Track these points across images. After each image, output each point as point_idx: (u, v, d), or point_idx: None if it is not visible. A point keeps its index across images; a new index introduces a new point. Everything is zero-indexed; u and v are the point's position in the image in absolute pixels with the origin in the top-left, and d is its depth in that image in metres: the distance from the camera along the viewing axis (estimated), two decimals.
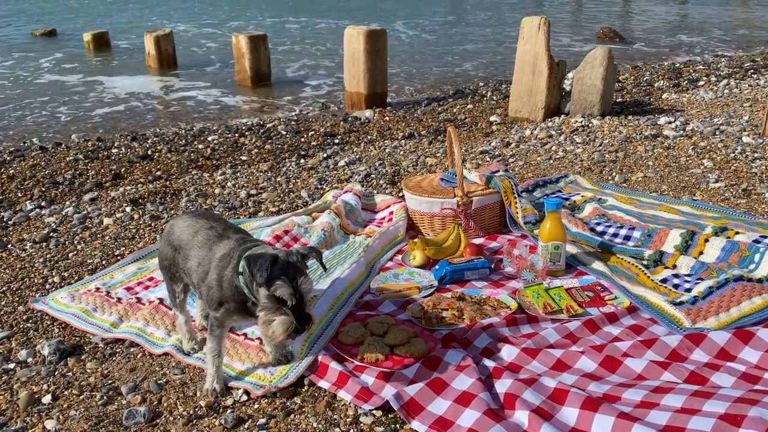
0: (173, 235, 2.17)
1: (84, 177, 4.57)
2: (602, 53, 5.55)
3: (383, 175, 4.25)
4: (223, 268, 1.96)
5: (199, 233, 2.10)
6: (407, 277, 2.75)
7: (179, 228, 2.17)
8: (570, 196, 3.59)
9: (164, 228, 2.24)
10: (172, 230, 2.19)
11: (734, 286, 2.40)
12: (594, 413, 1.72)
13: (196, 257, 2.06)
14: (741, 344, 2.06)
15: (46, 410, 1.98)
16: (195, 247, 2.08)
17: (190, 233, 2.12)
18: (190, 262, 2.08)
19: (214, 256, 2.01)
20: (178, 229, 2.16)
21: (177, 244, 2.14)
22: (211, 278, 1.98)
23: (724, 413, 1.65)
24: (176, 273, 2.19)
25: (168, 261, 2.19)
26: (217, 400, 1.99)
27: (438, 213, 3.11)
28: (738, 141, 4.59)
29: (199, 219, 2.17)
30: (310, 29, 12.94)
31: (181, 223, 2.18)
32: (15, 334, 2.41)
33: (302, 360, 2.11)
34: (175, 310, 2.25)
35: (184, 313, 2.25)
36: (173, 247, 2.16)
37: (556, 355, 2.06)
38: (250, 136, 5.66)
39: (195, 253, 2.07)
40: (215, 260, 2.00)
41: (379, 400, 1.91)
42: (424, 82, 8.24)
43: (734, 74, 7.69)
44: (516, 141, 4.99)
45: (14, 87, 8.01)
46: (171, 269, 2.20)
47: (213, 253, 2.02)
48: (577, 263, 2.77)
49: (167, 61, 9.26)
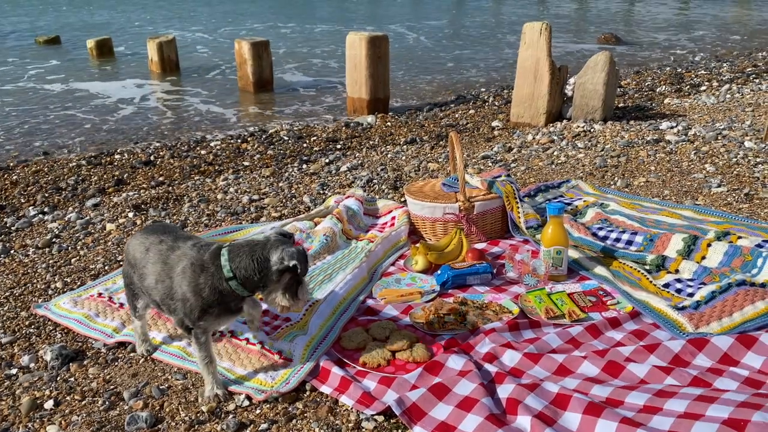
0: (129, 254, 2.15)
1: (87, 183, 4.58)
2: (604, 58, 5.56)
3: (385, 180, 4.25)
4: (196, 277, 1.92)
5: (150, 250, 2.04)
6: (409, 282, 2.75)
7: (133, 247, 2.12)
8: (572, 200, 3.59)
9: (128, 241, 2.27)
10: (128, 249, 2.16)
11: (737, 290, 2.39)
12: (597, 418, 1.71)
13: (153, 274, 2.01)
14: (744, 349, 2.05)
15: (48, 416, 1.98)
16: (149, 264, 2.03)
17: (142, 251, 2.07)
18: (147, 280, 2.03)
19: (173, 269, 1.96)
20: (132, 248, 2.13)
21: (133, 263, 2.11)
22: (184, 290, 1.93)
23: (728, 418, 1.64)
24: (135, 291, 2.18)
25: (128, 279, 2.19)
26: (220, 405, 1.99)
27: (440, 218, 3.11)
28: (740, 146, 4.59)
29: (150, 235, 2.11)
30: (312, 35, 12.99)
31: (134, 241, 2.14)
32: (17, 339, 2.41)
33: (304, 365, 2.11)
34: (133, 317, 2.26)
35: (142, 320, 2.26)
36: (131, 265, 2.14)
37: (559, 360, 2.05)
38: (252, 141, 5.67)
39: (150, 270, 2.02)
40: (177, 272, 1.94)
41: (381, 406, 1.91)
42: (426, 88, 8.25)
43: (736, 79, 7.69)
44: (518, 146, 4.99)
45: (17, 93, 8.05)
46: (131, 287, 2.19)
47: (170, 266, 1.97)
48: (580, 268, 2.77)
49: (170, 67, 9.30)
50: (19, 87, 8.43)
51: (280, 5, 18.68)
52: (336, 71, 9.28)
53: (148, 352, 2.28)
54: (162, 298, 2.01)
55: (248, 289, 1.94)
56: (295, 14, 16.61)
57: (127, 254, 2.17)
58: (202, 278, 1.92)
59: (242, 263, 1.90)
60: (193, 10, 17.57)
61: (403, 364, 2.12)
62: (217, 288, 1.92)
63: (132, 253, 2.13)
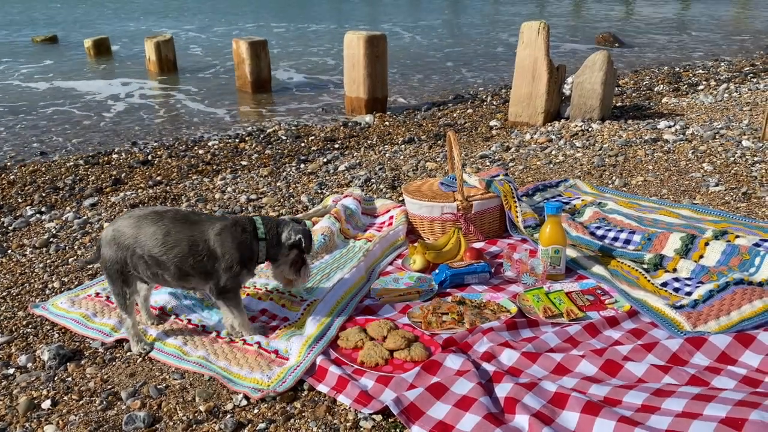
0: (119, 238, 2.17)
1: (84, 182, 4.57)
2: (602, 57, 5.56)
3: (383, 179, 4.25)
4: (239, 235, 2.19)
5: (164, 221, 2.16)
6: (407, 281, 2.75)
7: (122, 229, 2.17)
8: (570, 200, 3.59)
9: (101, 235, 2.25)
10: (116, 234, 2.18)
11: (735, 289, 2.39)
12: (595, 417, 1.71)
13: (183, 241, 2.15)
14: (742, 348, 2.05)
15: (45, 415, 1.97)
16: (172, 233, 2.15)
17: (157, 227, 2.15)
18: (176, 249, 2.14)
19: (206, 232, 2.16)
20: (123, 230, 2.17)
21: (126, 244, 2.16)
22: (227, 249, 2.17)
23: (725, 417, 1.64)
24: (130, 274, 2.20)
25: (119, 264, 2.19)
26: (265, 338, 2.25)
27: (438, 217, 3.11)
28: (738, 145, 4.60)
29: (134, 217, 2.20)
30: (310, 34, 12.98)
31: (122, 224, 2.18)
32: (15, 339, 2.41)
33: (300, 364, 2.11)
34: (123, 312, 2.25)
35: (132, 316, 2.27)
36: (122, 248, 2.16)
37: (557, 359, 2.05)
38: (250, 141, 5.67)
39: (176, 238, 2.15)
40: (212, 236, 2.16)
41: (379, 405, 1.90)
42: (424, 87, 8.25)
43: (734, 78, 7.70)
44: (516, 145, 4.99)
45: (13, 93, 8.03)
46: (124, 271, 2.20)
47: (203, 229, 2.17)
48: (578, 267, 2.77)
49: (167, 66, 9.30)
50: (15, 86, 8.41)
51: (273, 4, 18.67)
52: (334, 71, 9.28)
53: (144, 351, 2.27)
54: (190, 265, 2.16)
55: (267, 255, 2.26)
56: (287, 13, 16.61)
57: (116, 239, 2.17)
58: (243, 237, 2.20)
59: (270, 231, 2.25)
60: (186, 9, 17.55)
61: (401, 363, 2.12)
62: (252, 247, 2.22)
63: (133, 234, 2.15)
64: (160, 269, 2.18)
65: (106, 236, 2.20)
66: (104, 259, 2.21)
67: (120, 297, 2.23)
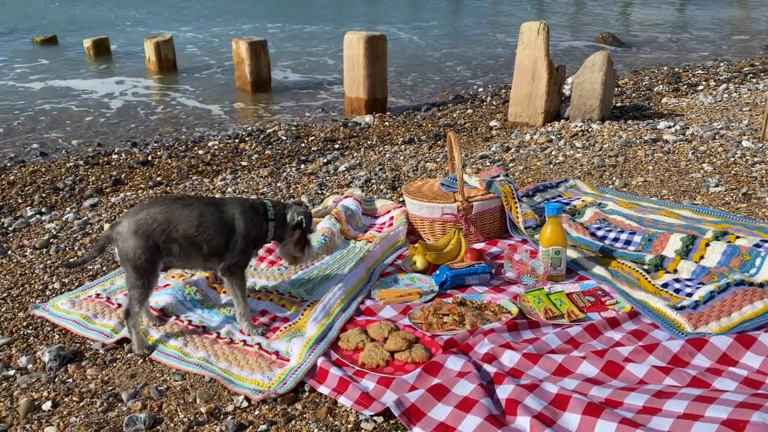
0: (157, 224, 2.25)
1: (84, 183, 4.57)
2: (601, 58, 5.56)
3: (383, 180, 4.25)
4: (253, 216, 2.38)
5: (194, 205, 2.32)
6: (408, 282, 2.75)
7: (173, 215, 2.27)
8: (570, 200, 3.59)
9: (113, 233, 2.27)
10: (152, 220, 2.25)
11: (735, 290, 2.39)
12: (596, 419, 1.71)
13: (215, 222, 2.32)
14: (743, 349, 2.05)
15: (46, 417, 1.97)
16: (206, 215, 2.32)
17: (189, 211, 2.30)
18: (209, 229, 2.31)
19: (231, 212, 2.35)
20: (172, 216, 2.27)
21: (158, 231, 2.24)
22: (247, 226, 2.37)
23: (727, 418, 1.64)
24: (160, 259, 2.27)
25: (149, 251, 2.23)
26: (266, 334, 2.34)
27: (438, 218, 3.11)
28: (738, 145, 4.60)
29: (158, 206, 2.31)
30: (310, 35, 12.98)
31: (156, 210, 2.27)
32: (15, 340, 2.40)
33: (301, 365, 2.11)
34: (138, 306, 2.26)
35: (142, 312, 2.31)
36: (157, 233, 2.24)
37: (558, 361, 2.05)
38: (250, 141, 5.67)
39: (209, 219, 2.32)
40: (237, 216, 2.35)
41: (380, 406, 1.90)
42: (424, 88, 8.25)
43: (733, 78, 7.70)
44: (516, 146, 4.99)
45: (12, 93, 8.03)
46: (153, 258, 2.24)
47: (228, 210, 2.36)
48: (578, 268, 2.77)
49: (167, 66, 9.29)
50: (14, 86, 8.40)
51: (269, 4, 18.65)
52: (334, 71, 9.27)
53: (150, 350, 2.28)
54: (216, 244, 2.32)
55: (274, 234, 2.45)
56: (283, 13, 16.59)
57: (141, 229, 2.22)
58: (257, 218, 2.40)
59: (278, 212, 2.44)
60: (183, 9, 17.55)
61: (402, 365, 2.12)
62: (263, 227, 2.41)
63: (158, 221, 2.24)
64: (194, 250, 2.31)
65: (125, 230, 2.24)
66: (126, 252, 2.24)
67: (143, 289, 2.25)
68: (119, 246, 2.25)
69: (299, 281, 2.74)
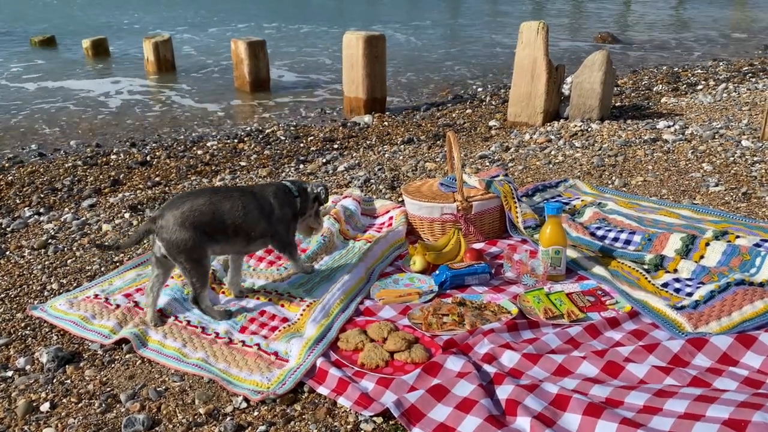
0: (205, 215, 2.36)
1: (83, 183, 4.56)
2: (601, 57, 5.56)
3: (383, 180, 4.24)
4: (284, 197, 2.58)
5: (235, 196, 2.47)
6: (407, 282, 2.74)
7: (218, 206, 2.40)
8: (570, 200, 3.58)
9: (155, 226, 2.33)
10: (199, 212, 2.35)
11: (736, 290, 2.39)
12: (597, 419, 1.71)
13: (257, 208, 2.49)
14: (743, 348, 2.05)
15: (44, 418, 1.96)
16: (248, 203, 2.47)
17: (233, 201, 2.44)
18: (252, 214, 2.47)
19: (266, 196, 2.54)
20: (218, 207, 2.40)
21: (218, 217, 2.39)
22: (283, 205, 2.58)
23: (728, 418, 1.63)
24: (208, 245, 2.39)
25: (196, 239, 2.33)
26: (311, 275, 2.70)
27: (438, 218, 3.10)
28: (737, 145, 4.59)
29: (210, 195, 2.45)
30: (308, 35, 12.97)
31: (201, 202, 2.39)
32: (13, 341, 2.40)
33: (300, 366, 2.10)
34: (204, 290, 2.42)
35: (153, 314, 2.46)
36: (204, 224, 2.36)
37: (558, 361, 2.05)
38: (249, 141, 5.66)
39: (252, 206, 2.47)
40: (271, 196, 2.55)
41: (379, 407, 1.90)
42: (423, 87, 8.24)
43: (733, 78, 7.70)
44: (515, 145, 4.99)
45: (11, 93, 8.02)
46: (203, 246, 2.36)
47: (263, 195, 2.54)
48: (578, 268, 2.76)
49: (166, 66, 9.28)
50: (14, 87, 8.39)
51: (263, 4, 18.63)
52: (331, 71, 9.27)
53: (228, 316, 2.47)
54: (261, 228, 2.51)
55: (300, 208, 2.66)
56: (280, 13, 16.58)
57: (189, 220, 2.32)
58: (288, 197, 2.60)
59: (299, 189, 2.66)
60: (179, 6, 17.54)
61: (401, 365, 2.12)
62: (295, 205, 2.63)
63: (206, 212, 2.36)
64: (240, 236, 2.46)
65: (171, 223, 2.31)
66: (177, 244, 2.32)
67: (200, 276, 2.39)
68: (166, 239, 2.32)
69: (298, 281, 2.73)
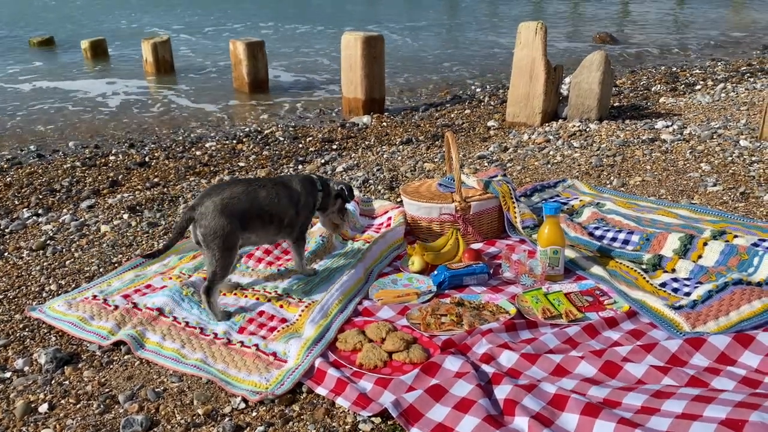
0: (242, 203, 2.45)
1: (81, 184, 4.56)
2: (599, 57, 5.56)
3: (381, 180, 4.24)
4: (310, 189, 2.67)
5: (267, 186, 2.56)
6: (406, 282, 2.74)
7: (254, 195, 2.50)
8: (568, 200, 3.59)
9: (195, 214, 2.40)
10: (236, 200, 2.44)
11: (733, 289, 2.39)
12: (594, 419, 1.71)
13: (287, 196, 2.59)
14: (741, 348, 2.05)
15: (42, 419, 1.96)
16: (280, 192, 2.58)
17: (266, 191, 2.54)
18: (284, 202, 2.57)
19: (295, 186, 2.63)
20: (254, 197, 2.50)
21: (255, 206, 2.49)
22: (307, 195, 2.66)
23: (725, 418, 1.64)
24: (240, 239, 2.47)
25: (232, 227, 2.40)
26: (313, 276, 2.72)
27: (436, 218, 3.10)
28: (735, 144, 4.60)
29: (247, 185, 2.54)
30: (305, 35, 12.97)
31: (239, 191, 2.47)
32: (11, 342, 2.40)
33: (298, 366, 2.10)
34: (220, 283, 2.48)
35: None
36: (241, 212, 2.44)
37: (556, 361, 2.05)
38: (247, 142, 5.66)
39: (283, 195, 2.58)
40: (299, 186, 2.64)
41: (378, 407, 1.90)
42: (422, 88, 8.24)
43: (731, 78, 7.71)
44: (514, 146, 4.99)
45: (10, 95, 8.01)
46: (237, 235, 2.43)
47: (292, 185, 2.63)
48: (576, 268, 2.77)
49: (164, 67, 9.28)
50: (13, 87, 8.39)
51: (261, 5, 18.63)
52: (329, 71, 9.27)
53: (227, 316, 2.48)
54: (290, 215, 2.60)
55: (321, 203, 2.74)
56: (278, 13, 16.58)
57: (227, 208, 2.40)
58: (313, 190, 2.69)
59: (324, 184, 2.74)
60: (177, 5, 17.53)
61: (399, 366, 2.12)
62: (317, 198, 2.71)
63: (243, 201, 2.45)
64: (272, 224, 2.56)
65: (211, 209, 2.39)
66: (215, 230, 2.39)
67: (224, 267, 2.43)
68: (205, 225, 2.39)
69: (297, 282, 2.73)
